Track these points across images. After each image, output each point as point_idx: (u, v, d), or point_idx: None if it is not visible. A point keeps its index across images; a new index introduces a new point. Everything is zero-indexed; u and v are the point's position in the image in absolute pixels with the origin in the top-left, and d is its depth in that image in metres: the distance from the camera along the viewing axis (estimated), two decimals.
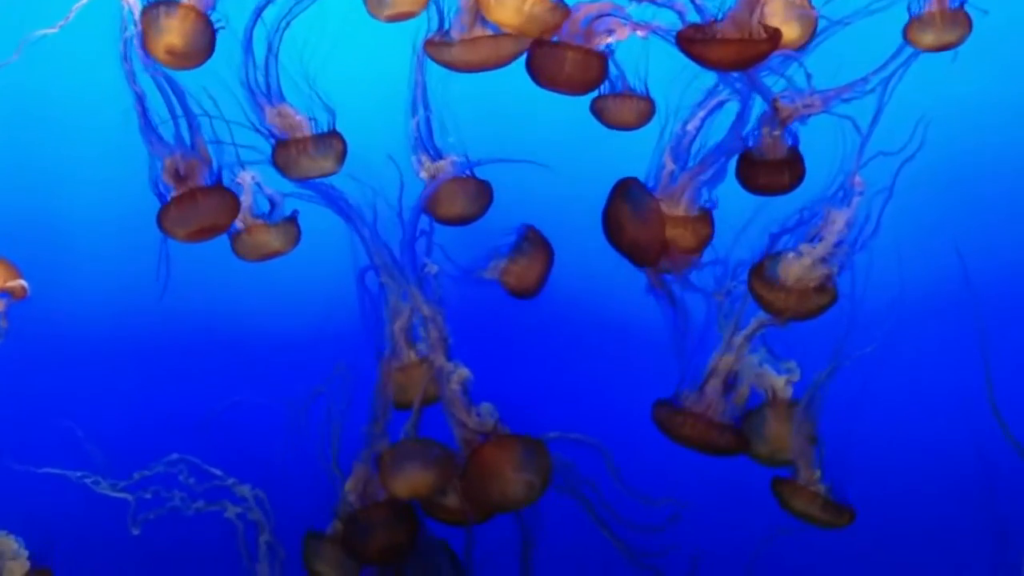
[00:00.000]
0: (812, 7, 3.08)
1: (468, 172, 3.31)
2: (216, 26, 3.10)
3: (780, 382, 3.23)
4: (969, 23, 3.06)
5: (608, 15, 3.14)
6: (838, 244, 3.11)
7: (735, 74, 3.10)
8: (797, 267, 3.15)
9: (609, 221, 3.27)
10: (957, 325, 3.70)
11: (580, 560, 3.60)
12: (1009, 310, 3.82)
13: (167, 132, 3.15)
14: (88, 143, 3.80)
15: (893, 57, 3.09)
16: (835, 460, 3.19)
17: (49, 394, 3.75)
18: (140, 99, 3.13)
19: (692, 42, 3.00)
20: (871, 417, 3.74)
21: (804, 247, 3.15)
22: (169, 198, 3.15)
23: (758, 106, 3.17)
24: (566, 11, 3.10)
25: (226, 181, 3.19)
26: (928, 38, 3.07)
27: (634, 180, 3.24)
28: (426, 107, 3.29)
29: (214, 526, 3.40)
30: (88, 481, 3.30)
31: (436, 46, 3.16)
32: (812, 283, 3.14)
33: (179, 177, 3.16)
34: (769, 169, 3.19)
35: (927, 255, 3.77)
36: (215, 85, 3.18)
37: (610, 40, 3.18)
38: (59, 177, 3.85)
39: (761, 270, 3.18)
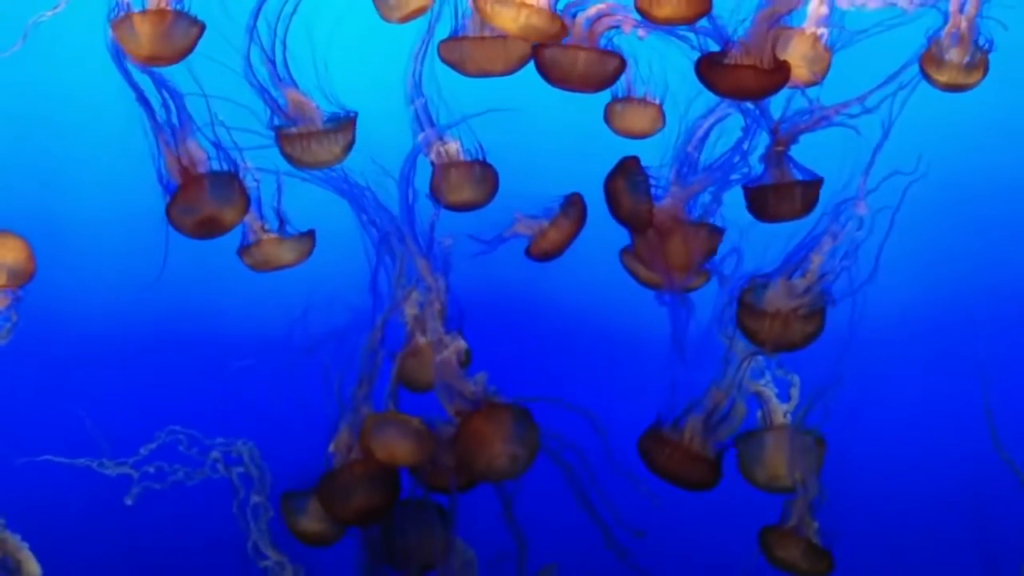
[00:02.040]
0: (828, 50, 3.10)
1: (479, 157, 3.33)
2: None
3: (779, 412, 3.26)
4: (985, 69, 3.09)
5: (609, 15, 3.16)
6: (823, 275, 3.14)
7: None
8: (779, 298, 3.17)
9: (608, 193, 3.29)
10: (957, 346, 3.78)
11: (568, 524, 3.68)
12: (1009, 332, 3.86)
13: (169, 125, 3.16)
14: (92, 138, 3.76)
15: (898, 74, 3.11)
16: (830, 478, 3.23)
17: (51, 386, 3.77)
18: (138, 93, 3.13)
19: (710, 68, 3.01)
20: (868, 436, 3.80)
21: (783, 280, 3.18)
22: (175, 187, 3.17)
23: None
24: (561, 21, 3.09)
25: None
26: (943, 78, 3.09)
27: (635, 165, 3.25)
28: (422, 93, 3.30)
29: (216, 493, 3.46)
30: (94, 465, 3.34)
31: (448, 43, 3.18)
32: (795, 313, 3.17)
33: (183, 169, 3.18)
34: (779, 196, 3.20)
35: (928, 276, 3.82)
36: (221, 72, 3.16)
37: (613, 27, 3.19)
38: (66, 173, 3.82)
39: (742, 300, 3.22)
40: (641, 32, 3.15)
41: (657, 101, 3.26)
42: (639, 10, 3.03)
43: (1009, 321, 3.88)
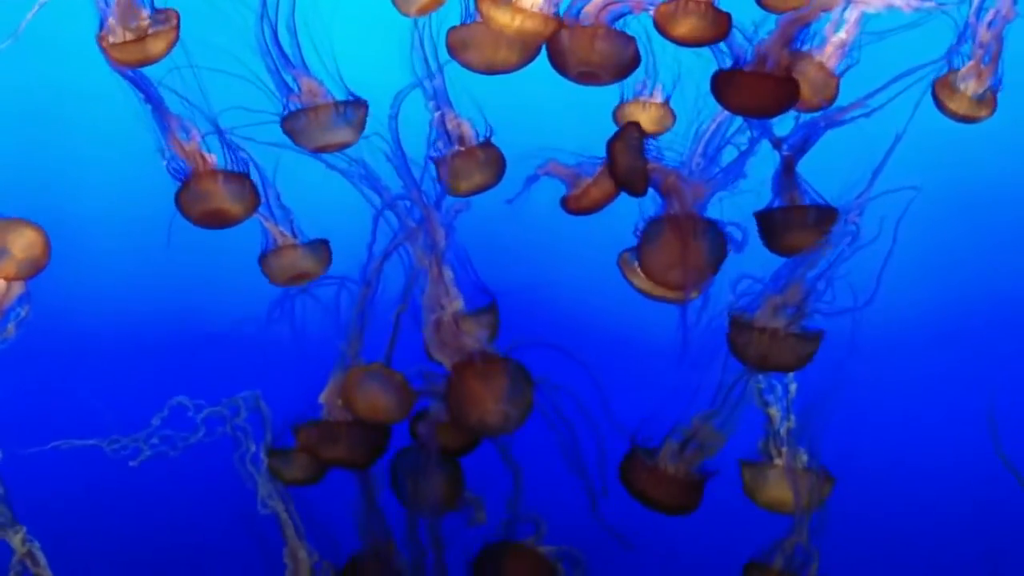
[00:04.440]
0: (836, 76, 3.09)
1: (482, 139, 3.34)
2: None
3: (784, 438, 3.24)
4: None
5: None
6: (810, 291, 3.14)
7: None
8: (766, 315, 3.17)
9: (608, 153, 3.27)
10: (960, 356, 3.82)
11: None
12: (1014, 342, 3.89)
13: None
14: (99, 129, 3.71)
15: (901, 78, 3.09)
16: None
17: (56, 381, 3.80)
18: (144, 92, 3.14)
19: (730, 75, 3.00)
20: (868, 446, 3.84)
21: (770, 296, 3.17)
22: (187, 175, 3.19)
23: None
24: (558, 22, 3.08)
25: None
26: (954, 105, 3.08)
27: (637, 133, 3.22)
28: (439, 72, 3.28)
29: (227, 452, 3.53)
30: (104, 444, 3.38)
31: (456, 30, 3.16)
32: (784, 330, 3.16)
33: (195, 159, 3.17)
34: (790, 221, 3.20)
35: (928, 284, 3.84)
36: (225, 58, 3.14)
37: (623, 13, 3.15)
38: (73, 165, 3.78)
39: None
40: (652, 11, 3.12)
41: (661, 100, 3.26)
42: (656, 27, 3.01)
43: (1014, 331, 3.93)
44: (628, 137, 3.22)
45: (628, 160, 3.24)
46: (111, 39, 3.02)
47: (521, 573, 3.44)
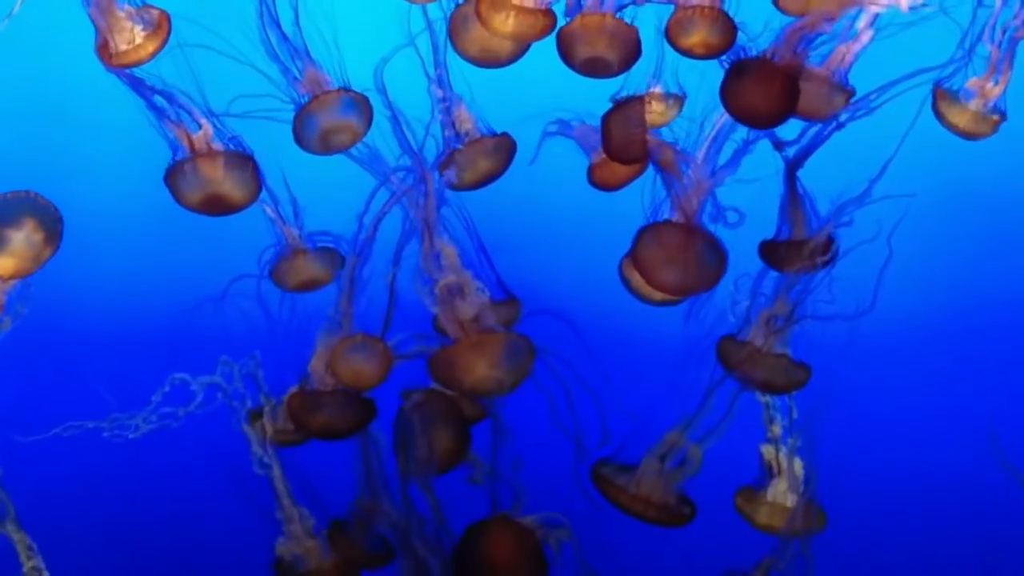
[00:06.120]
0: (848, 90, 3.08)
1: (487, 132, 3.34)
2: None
3: (785, 462, 3.26)
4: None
5: None
6: (795, 305, 3.15)
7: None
8: (758, 331, 3.18)
9: (603, 128, 3.27)
10: (958, 357, 3.86)
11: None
12: (1012, 343, 3.93)
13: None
14: (92, 114, 3.66)
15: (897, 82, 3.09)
16: (827, 486, 3.26)
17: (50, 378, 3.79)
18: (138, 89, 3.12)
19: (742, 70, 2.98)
20: (866, 450, 3.88)
21: (763, 312, 3.17)
22: (184, 159, 3.16)
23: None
24: (551, 17, 3.07)
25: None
26: (953, 119, 3.06)
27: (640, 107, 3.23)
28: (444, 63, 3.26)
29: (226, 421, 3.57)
30: (104, 425, 3.40)
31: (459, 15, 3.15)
32: (773, 347, 3.16)
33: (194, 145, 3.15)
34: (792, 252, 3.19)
35: (931, 288, 3.88)
36: (226, 44, 3.12)
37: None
38: (63, 152, 3.73)
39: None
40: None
41: (662, 93, 3.26)
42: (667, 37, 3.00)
43: (1012, 336, 3.96)
44: (630, 109, 3.23)
45: (622, 130, 3.24)
46: (107, 46, 3.00)
47: (504, 547, 3.45)
